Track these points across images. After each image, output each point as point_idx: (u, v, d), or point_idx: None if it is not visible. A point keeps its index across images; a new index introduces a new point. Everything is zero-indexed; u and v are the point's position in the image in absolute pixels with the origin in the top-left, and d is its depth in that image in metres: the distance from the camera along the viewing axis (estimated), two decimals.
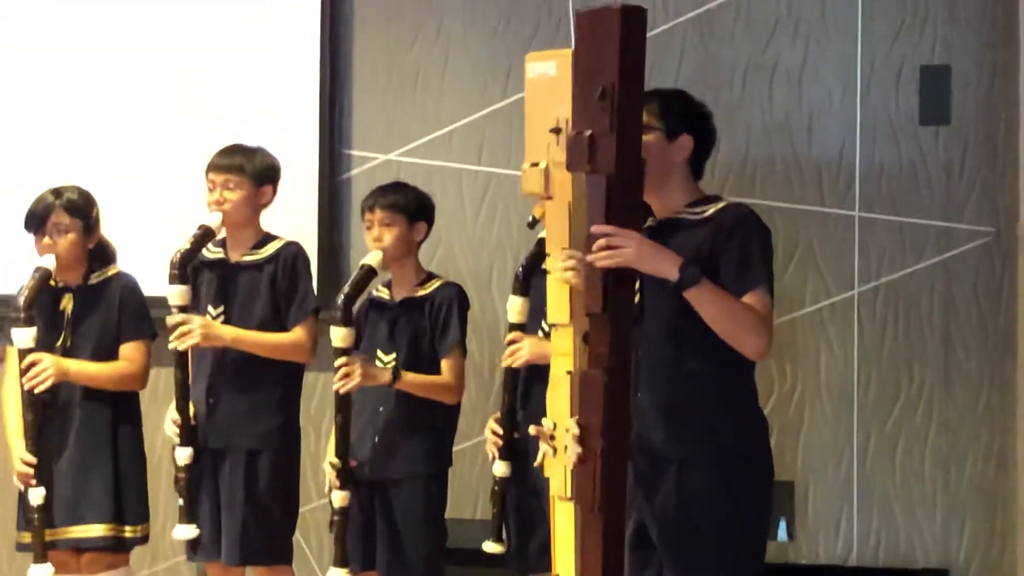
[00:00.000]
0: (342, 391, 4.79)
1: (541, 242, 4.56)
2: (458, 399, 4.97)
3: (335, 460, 4.84)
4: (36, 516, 4.94)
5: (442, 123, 6.00)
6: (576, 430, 3.64)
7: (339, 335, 4.79)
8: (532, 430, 3.93)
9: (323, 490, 5.09)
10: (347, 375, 4.76)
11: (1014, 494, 5.33)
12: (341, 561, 4.86)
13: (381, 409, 4.92)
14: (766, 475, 3.90)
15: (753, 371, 3.89)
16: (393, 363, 4.87)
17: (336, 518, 4.83)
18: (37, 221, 5.07)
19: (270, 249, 5.06)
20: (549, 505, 3.97)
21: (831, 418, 5.68)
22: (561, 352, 3.85)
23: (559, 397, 3.80)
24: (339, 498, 4.83)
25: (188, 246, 4.92)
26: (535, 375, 4.62)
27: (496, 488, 4.81)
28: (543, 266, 4.41)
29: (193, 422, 4.95)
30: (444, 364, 4.87)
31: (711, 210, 3.85)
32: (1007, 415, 5.41)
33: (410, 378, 4.83)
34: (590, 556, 3.66)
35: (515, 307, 4.76)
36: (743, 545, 3.84)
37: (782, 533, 5.55)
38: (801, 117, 5.74)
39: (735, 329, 3.70)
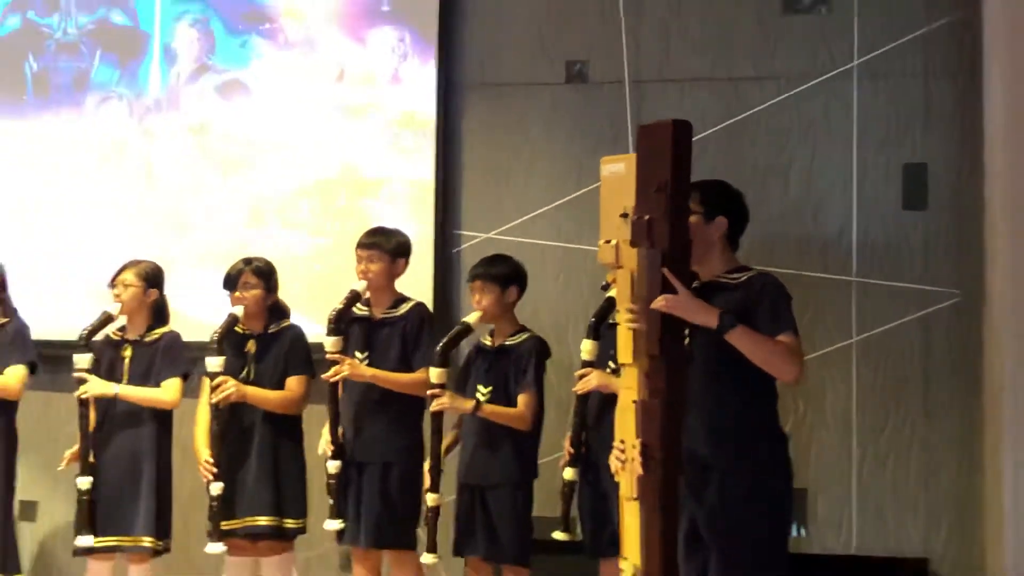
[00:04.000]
0: (434, 410, 4.86)
1: (609, 300, 4.62)
2: (528, 427, 4.89)
3: (430, 466, 4.90)
4: (215, 505, 5.02)
5: (529, 209, 5.99)
6: (640, 447, 3.72)
7: (435, 374, 4.86)
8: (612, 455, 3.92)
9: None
10: (440, 403, 4.83)
11: (980, 499, 5.31)
12: (432, 547, 4.88)
13: (477, 431, 4.93)
14: (788, 482, 3.90)
15: (776, 401, 3.90)
16: (488, 395, 4.90)
17: (429, 514, 4.88)
18: (231, 281, 5.18)
19: (403, 308, 5.12)
20: (618, 505, 3.97)
21: (835, 440, 5.67)
22: (628, 385, 3.81)
23: (627, 421, 3.79)
24: (432, 499, 4.88)
25: (341, 306, 5.02)
26: (606, 404, 4.60)
27: (564, 488, 4.83)
28: (611, 319, 4.50)
29: (340, 440, 5.02)
30: (520, 399, 4.86)
31: (744, 277, 3.87)
32: (975, 438, 5.38)
33: (489, 409, 4.86)
34: (652, 545, 3.65)
35: (586, 348, 4.78)
36: (773, 536, 3.84)
37: (794, 530, 5.55)
38: (809, 204, 5.77)
39: (772, 359, 3.72)
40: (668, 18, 5.97)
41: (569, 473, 4.79)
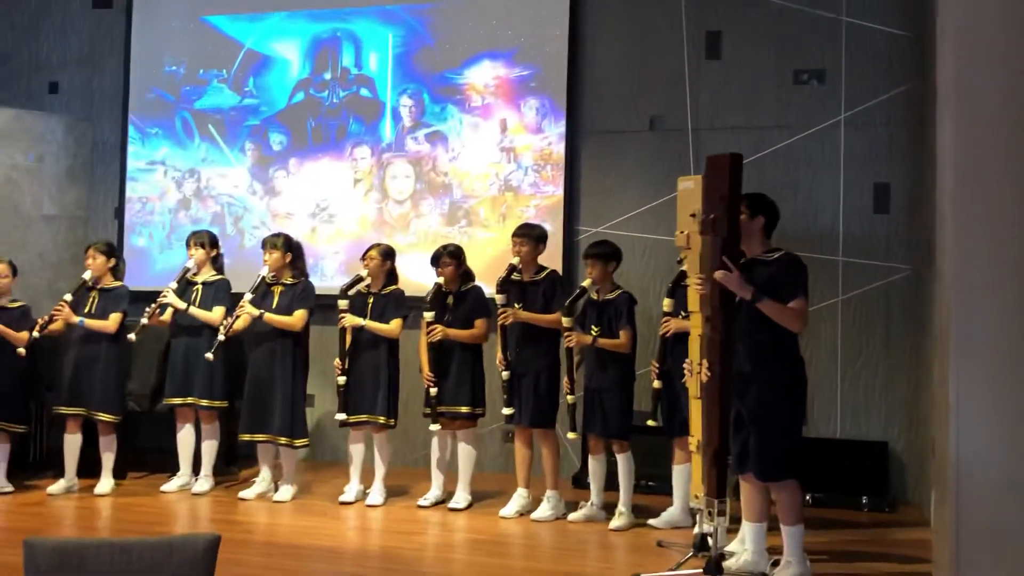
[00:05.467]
0: (568, 346, 4.78)
1: (681, 271, 4.49)
2: (627, 351, 4.76)
3: (568, 377, 4.81)
4: (434, 401, 4.99)
5: (623, 213, 5.96)
6: (706, 363, 3.74)
7: (565, 321, 4.76)
8: (685, 365, 3.99)
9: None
10: (570, 340, 4.76)
11: (922, 405, 5.26)
12: (572, 428, 4.79)
13: (595, 355, 4.82)
14: (803, 388, 3.87)
15: (797, 339, 3.85)
16: (598, 332, 4.79)
17: (569, 407, 4.80)
18: (435, 259, 5.12)
19: (543, 274, 5.02)
20: (688, 402, 4.05)
21: (826, 364, 5.62)
22: (695, 325, 3.93)
23: (695, 348, 3.91)
24: (570, 398, 4.78)
25: (504, 275, 4.94)
26: (676, 339, 4.58)
27: (653, 393, 4.74)
28: (683, 283, 4.43)
29: (508, 359, 4.93)
30: (621, 334, 4.75)
31: (776, 256, 3.87)
32: (921, 365, 5.30)
33: (601, 341, 4.76)
34: (712, 427, 3.74)
35: (666, 303, 4.71)
36: (791, 424, 3.84)
37: None
38: (812, 210, 5.72)
39: (784, 319, 3.74)
40: (717, 87, 5.94)
41: (657, 383, 4.71)
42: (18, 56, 7.17)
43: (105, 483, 5.32)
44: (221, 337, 5.12)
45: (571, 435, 4.88)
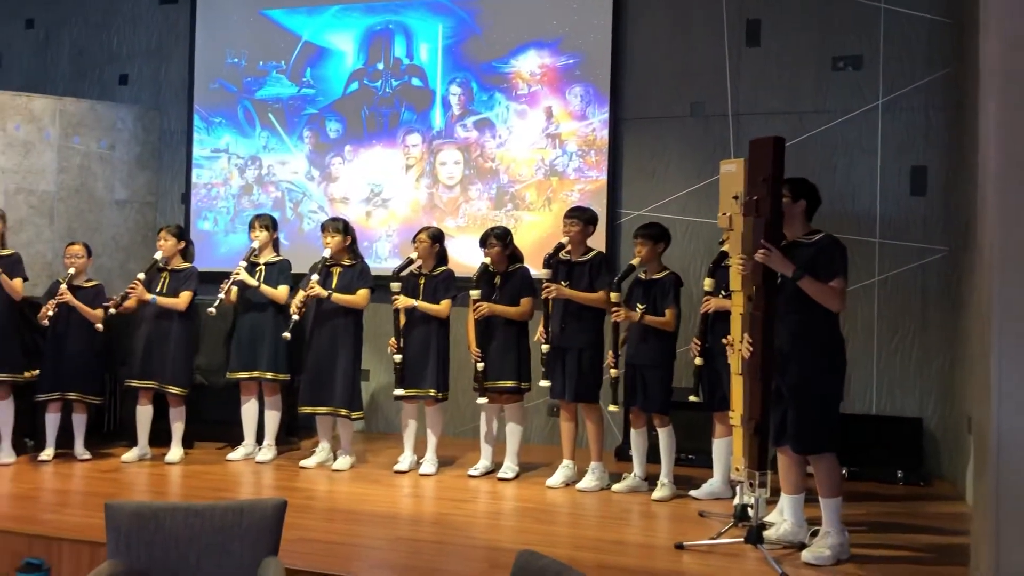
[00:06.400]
0: (615, 320, 4.72)
1: (722, 253, 4.51)
2: (672, 330, 4.73)
3: (612, 352, 4.76)
4: (481, 375, 5.00)
5: (664, 196, 5.92)
6: (748, 339, 3.70)
7: (613, 296, 4.69)
8: (725, 340, 3.98)
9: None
10: (617, 315, 4.72)
11: (957, 383, 5.18)
12: (614, 401, 4.77)
13: (639, 332, 4.78)
14: (842, 365, 3.81)
15: (837, 318, 3.78)
16: (644, 309, 4.72)
17: (612, 381, 4.79)
18: (483, 241, 5.14)
19: (590, 254, 4.93)
20: (729, 378, 4.03)
21: (862, 342, 5.52)
22: (737, 304, 3.92)
23: (736, 326, 3.89)
24: (613, 372, 4.76)
25: (552, 252, 4.90)
26: (718, 318, 4.55)
27: (695, 370, 4.65)
28: (724, 263, 4.44)
29: (548, 334, 4.89)
30: (667, 312, 4.70)
31: (816, 238, 3.81)
32: (956, 343, 5.23)
33: (648, 319, 4.70)
34: (754, 401, 3.71)
35: (708, 282, 4.62)
36: (830, 397, 3.79)
37: None
38: (850, 192, 5.61)
39: (824, 298, 3.68)
40: (756, 73, 5.85)
41: (698, 360, 4.66)
42: (91, 50, 7.29)
43: (175, 452, 5.42)
44: (296, 316, 5.14)
45: (612, 407, 4.84)
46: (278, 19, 6.79)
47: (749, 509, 3.85)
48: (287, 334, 5.18)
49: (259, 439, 5.54)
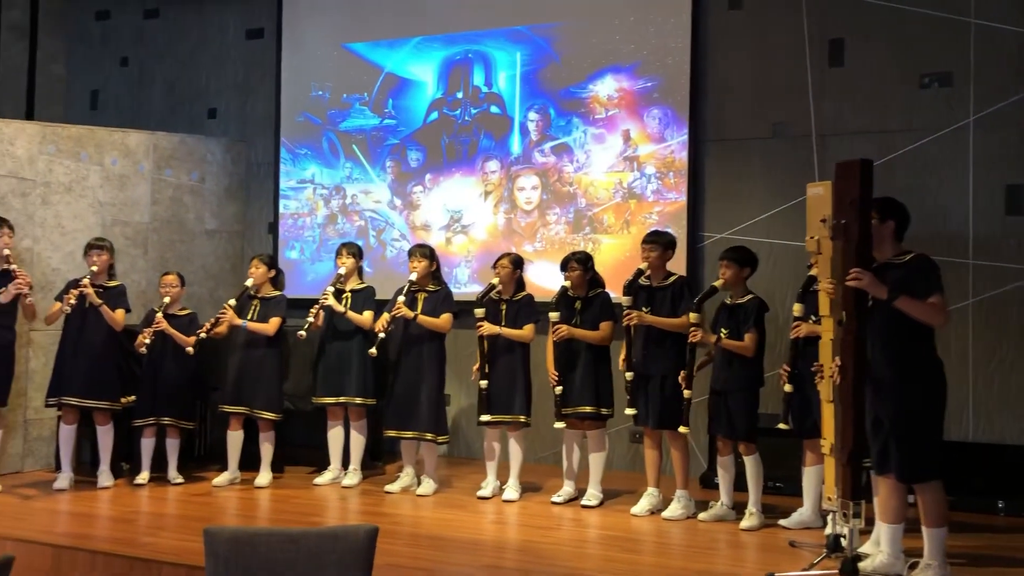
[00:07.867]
0: (692, 341, 4.65)
1: (811, 277, 4.35)
2: (751, 355, 4.62)
3: (686, 375, 4.69)
4: (558, 399, 4.94)
5: (747, 219, 5.85)
6: (839, 368, 3.63)
7: (694, 316, 4.63)
8: (814, 367, 3.89)
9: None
10: (695, 336, 4.65)
11: None
12: (686, 423, 4.70)
13: (722, 356, 4.73)
14: (943, 389, 3.72)
15: (933, 338, 3.70)
16: (727, 334, 4.68)
17: (686, 404, 4.71)
18: (564, 266, 5.13)
19: (670, 280, 4.90)
20: (819, 405, 3.94)
21: (957, 367, 5.26)
22: (826, 329, 3.83)
23: (827, 351, 3.81)
24: (686, 393, 4.66)
25: (631, 278, 4.89)
26: (807, 343, 4.43)
27: (784, 396, 4.51)
28: (813, 287, 4.29)
29: (631, 360, 4.85)
30: (747, 337, 4.64)
31: (907, 258, 3.74)
32: None
33: (726, 342, 4.65)
34: (847, 430, 3.62)
35: (797, 308, 4.52)
36: (933, 423, 3.69)
37: None
38: (940, 213, 5.45)
39: (925, 315, 3.61)
40: (840, 93, 5.77)
41: (788, 387, 4.52)
42: (181, 85, 7.58)
43: (264, 476, 5.54)
44: (382, 334, 5.21)
45: (682, 429, 4.77)
46: (361, 52, 6.97)
47: (842, 539, 3.74)
48: (373, 350, 5.24)
49: (344, 463, 5.63)
